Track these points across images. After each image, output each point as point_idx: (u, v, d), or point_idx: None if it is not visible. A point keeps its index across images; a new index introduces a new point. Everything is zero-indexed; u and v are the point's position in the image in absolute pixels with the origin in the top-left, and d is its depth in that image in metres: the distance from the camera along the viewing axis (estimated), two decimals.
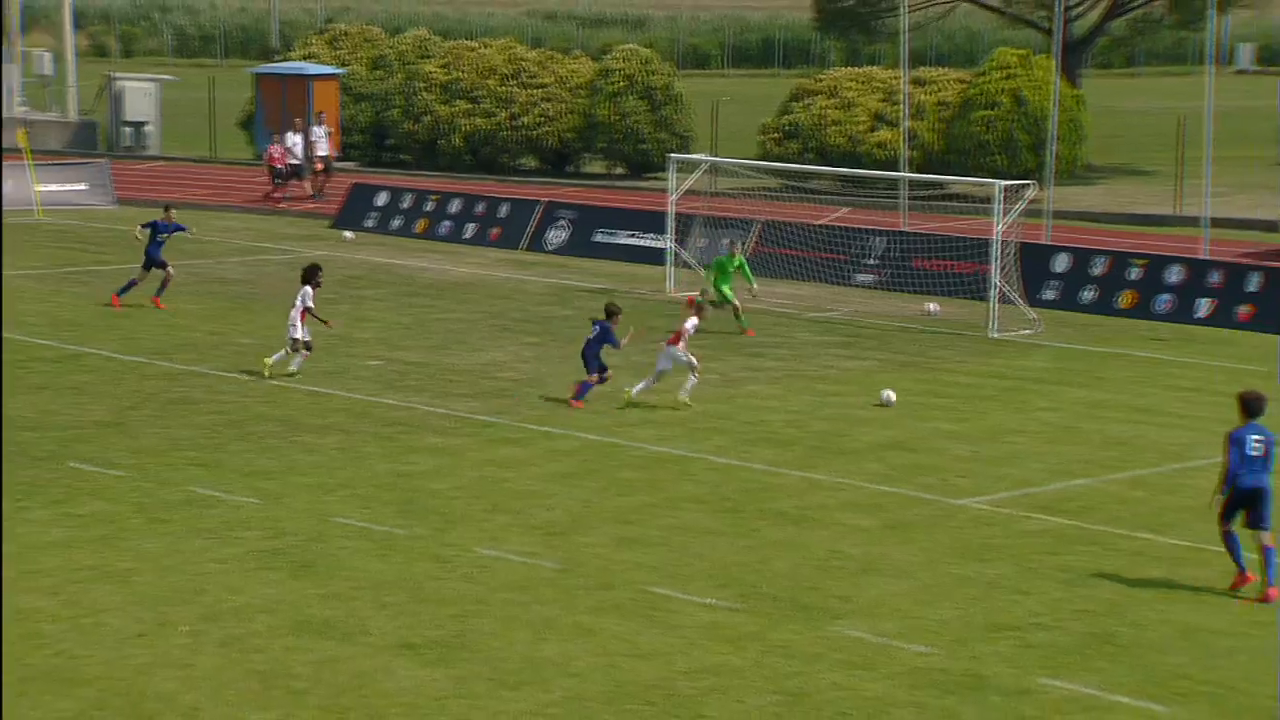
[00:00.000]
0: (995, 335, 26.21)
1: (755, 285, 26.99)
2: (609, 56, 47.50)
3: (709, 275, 26.78)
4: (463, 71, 47.76)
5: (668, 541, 15.72)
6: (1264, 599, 14.41)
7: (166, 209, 28.62)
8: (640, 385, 20.99)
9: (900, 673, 12.82)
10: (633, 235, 33.87)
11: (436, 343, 24.97)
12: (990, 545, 15.80)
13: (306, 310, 22.20)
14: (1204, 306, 27.92)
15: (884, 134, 43.04)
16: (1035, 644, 13.41)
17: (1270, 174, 46.46)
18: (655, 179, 44.06)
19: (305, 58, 50.35)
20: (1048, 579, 14.87)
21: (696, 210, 31.79)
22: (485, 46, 49.14)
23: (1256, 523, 14.40)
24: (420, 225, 36.90)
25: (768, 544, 15.71)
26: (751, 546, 15.63)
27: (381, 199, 38.05)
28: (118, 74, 52.47)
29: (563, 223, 35.08)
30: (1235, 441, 14.39)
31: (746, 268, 26.83)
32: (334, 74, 48.84)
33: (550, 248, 34.80)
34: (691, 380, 20.93)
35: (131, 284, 27.38)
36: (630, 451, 18.93)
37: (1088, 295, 28.90)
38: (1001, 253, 26.92)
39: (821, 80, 45.93)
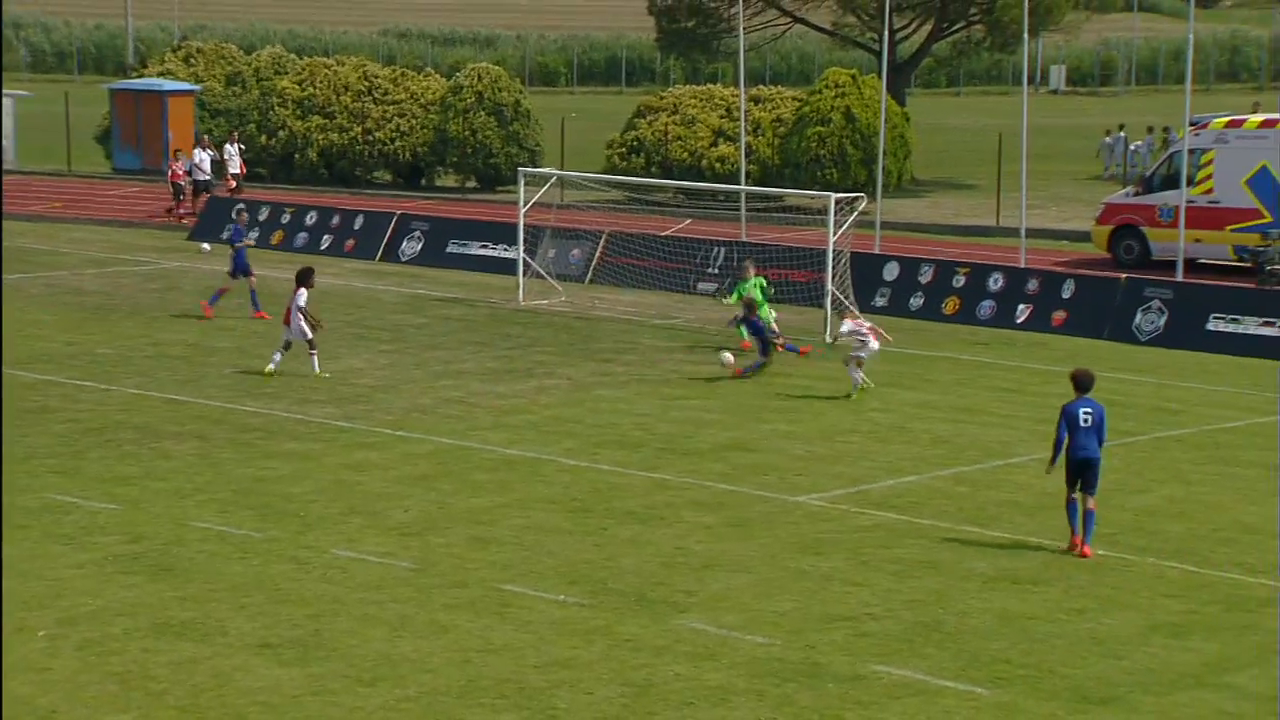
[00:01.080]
0: (829, 341, 26.54)
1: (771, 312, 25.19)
2: (460, 74, 47.32)
3: (732, 301, 24.82)
4: (317, 88, 47.22)
5: (519, 540, 15.68)
6: (1081, 554, 15.42)
7: (240, 213, 28.44)
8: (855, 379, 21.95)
9: (741, 662, 12.91)
10: (484, 246, 33.74)
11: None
12: (826, 540, 15.99)
13: (300, 310, 22.48)
14: (1022, 312, 28.54)
15: (724, 149, 43.38)
16: (868, 633, 13.60)
17: (1080, 187, 47.66)
18: (506, 192, 43.95)
19: (161, 74, 49.41)
20: (879, 571, 15.09)
21: (546, 222, 31.77)
22: (340, 64, 48.64)
23: (1086, 488, 15.43)
24: (276, 237, 36.38)
25: (616, 542, 15.74)
26: (600, 544, 15.64)
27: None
28: None
29: (416, 234, 34.84)
30: (1067, 414, 15.34)
31: (765, 285, 25.01)
32: (189, 90, 47.98)
33: (405, 258, 34.55)
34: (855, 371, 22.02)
35: (220, 293, 26.86)
36: (483, 454, 18.85)
37: (915, 302, 29.38)
38: (835, 262, 27.26)
39: (664, 97, 46.17)
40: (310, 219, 36.46)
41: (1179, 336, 27.07)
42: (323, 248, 35.64)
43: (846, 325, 22.48)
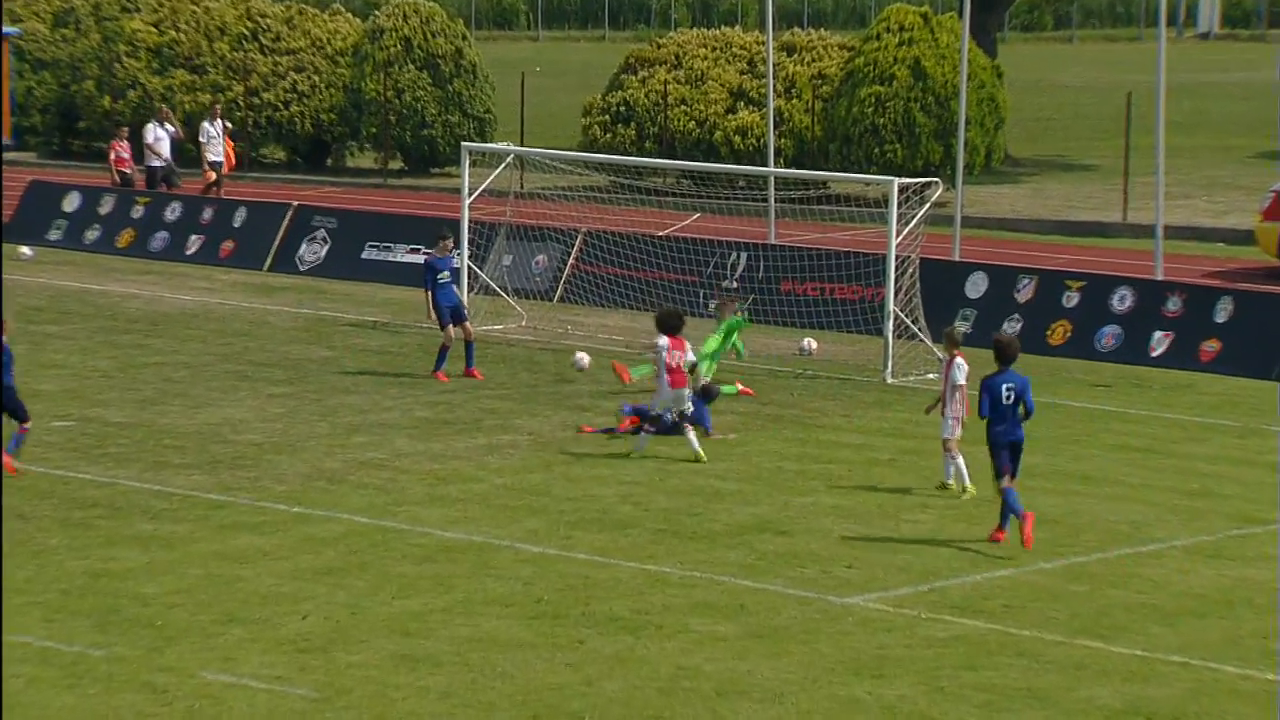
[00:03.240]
0: (891, 380, 26.61)
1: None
2: (380, 13, 47.56)
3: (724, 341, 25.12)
4: (181, 31, 47.46)
5: (463, 658, 15.72)
6: (992, 539, 18.68)
7: (443, 237, 26.58)
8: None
9: None
10: (415, 250, 33.83)
11: (149, 396, 24.69)
12: (888, 657, 16.03)
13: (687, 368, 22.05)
14: (1159, 342, 28.62)
15: (745, 117, 43.58)
16: None
17: (1243, 169, 47.89)
18: (444, 176, 44.12)
19: None
20: (962, 701, 15.13)
21: (500, 217, 31.90)
22: None
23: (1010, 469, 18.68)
24: (125, 238, 36.50)
25: (596, 660, 15.77)
26: (574, 664, 15.68)
27: (72, 202, 37.58)
28: None
29: (320, 233, 34.96)
30: (987, 389, 18.46)
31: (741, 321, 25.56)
32: (3, 35, 48.18)
33: (304, 267, 34.65)
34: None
35: (444, 351, 25.87)
36: (412, 538, 18.89)
37: (1011, 327, 29.46)
38: (899, 272, 27.35)
39: (663, 45, 46.41)
40: (172, 212, 36.55)
41: None
42: (189, 253, 35.74)
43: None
